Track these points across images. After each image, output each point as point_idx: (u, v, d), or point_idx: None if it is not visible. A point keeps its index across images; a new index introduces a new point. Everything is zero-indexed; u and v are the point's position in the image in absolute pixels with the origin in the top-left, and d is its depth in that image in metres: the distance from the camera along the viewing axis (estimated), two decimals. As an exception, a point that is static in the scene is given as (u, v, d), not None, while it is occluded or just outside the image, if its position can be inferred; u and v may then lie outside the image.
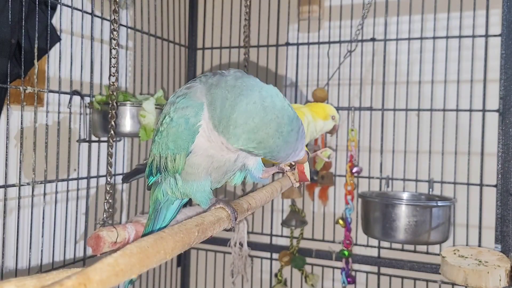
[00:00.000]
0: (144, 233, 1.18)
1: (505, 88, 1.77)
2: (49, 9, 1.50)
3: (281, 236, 2.21)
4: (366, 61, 2.08)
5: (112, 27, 1.52)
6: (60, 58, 1.57)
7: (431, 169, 1.93)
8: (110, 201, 1.53)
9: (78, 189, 1.69)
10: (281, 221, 2.11)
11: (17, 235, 1.45)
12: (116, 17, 1.52)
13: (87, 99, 1.67)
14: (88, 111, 1.68)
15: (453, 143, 1.91)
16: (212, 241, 1.97)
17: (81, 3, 1.64)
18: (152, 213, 1.13)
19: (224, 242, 2.02)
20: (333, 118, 1.66)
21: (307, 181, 1.08)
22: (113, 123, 1.52)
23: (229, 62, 2.31)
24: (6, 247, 1.44)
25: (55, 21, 1.57)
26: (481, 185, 1.85)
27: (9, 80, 1.38)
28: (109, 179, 1.54)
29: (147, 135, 1.62)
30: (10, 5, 1.35)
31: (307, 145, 1.67)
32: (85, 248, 1.69)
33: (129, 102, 1.64)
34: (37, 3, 1.45)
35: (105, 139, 1.64)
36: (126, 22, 1.92)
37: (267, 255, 2.22)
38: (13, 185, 1.43)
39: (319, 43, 2.14)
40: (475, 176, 1.87)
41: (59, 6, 1.55)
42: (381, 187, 2.01)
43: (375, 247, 2.03)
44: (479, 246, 1.83)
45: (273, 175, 1.84)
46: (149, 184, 1.12)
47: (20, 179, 1.43)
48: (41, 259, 1.51)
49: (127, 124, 1.63)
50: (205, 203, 1.00)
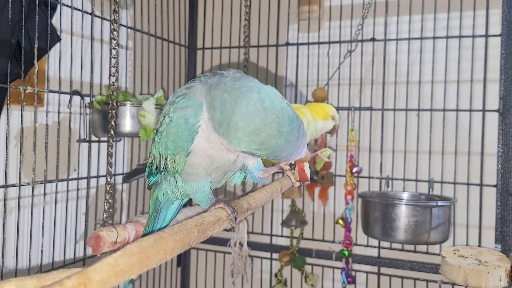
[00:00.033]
0: (144, 233, 1.18)
1: (505, 88, 1.77)
2: (49, 9, 1.50)
3: (281, 236, 2.21)
4: (366, 61, 2.08)
5: (112, 27, 1.52)
6: (60, 58, 1.57)
7: (431, 169, 1.93)
8: (110, 201, 1.53)
9: (78, 189, 1.69)
10: (281, 221, 2.11)
11: (17, 235, 1.45)
12: (116, 17, 1.52)
13: (87, 99, 1.67)
14: (88, 111, 1.69)
15: (453, 143, 1.91)
16: (212, 241, 1.97)
17: (81, 3, 1.64)
18: (152, 213, 1.13)
19: (224, 242, 2.02)
20: (333, 118, 1.66)
21: (307, 180, 1.07)
22: (113, 123, 1.52)
23: (229, 62, 2.31)
24: (6, 247, 1.44)
25: (55, 21, 1.57)
26: (481, 185, 1.85)
27: (9, 80, 1.38)
28: (109, 179, 1.54)
29: (147, 135, 1.62)
30: (10, 5, 1.35)
31: (307, 145, 1.66)
32: (85, 248, 1.69)
33: (129, 102, 1.64)
34: (37, 3, 1.45)
35: (105, 139, 1.64)
36: (126, 22, 1.92)
37: (267, 255, 2.22)
38: (13, 185, 1.43)
39: (319, 43, 2.14)
40: (475, 176, 1.87)
41: (59, 6, 1.55)
42: (381, 187, 2.01)
43: (375, 247, 2.03)
44: (479, 246, 1.83)
45: (273, 175, 1.84)
46: (150, 184, 1.12)
47: (20, 179, 1.43)
48: (41, 259, 1.51)
49: (127, 124, 1.63)
50: (205, 203, 1.00)
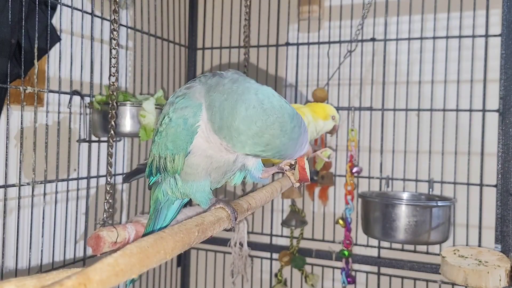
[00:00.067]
0: (145, 233, 1.18)
1: (505, 88, 1.77)
2: (49, 9, 1.50)
3: (281, 236, 2.21)
4: (366, 61, 2.08)
5: (112, 27, 1.52)
6: (60, 58, 1.57)
7: (431, 169, 1.93)
8: (110, 201, 1.53)
9: (78, 189, 1.69)
10: (281, 221, 2.11)
11: (17, 235, 1.45)
12: (116, 17, 1.52)
13: (87, 99, 1.67)
14: (88, 111, 1.68)
15: (453, 143, 1.91)
16: (212, 241, 1.97)
17: (81, 3, 1.64)
18: (153, 213, 1.13)
19: (224, 242, 2.02)
20: (333, 118, 1.66)
21: (307, 181, 1.07)
22: (113, 123, 1.52)
23: (229, 62, 2.31)
24: (6, 247, 1.44)
25: (55, 21, 1.57)
26: (481, 185, 1.85)
27: (9, 80, 1.38)
28: (109, 179, 1.54)
29: (147, 135, 1.62)
30: (10, 5, 1.35)
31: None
32: (85, 248, 1.69)
33: (129, 102, 1.64)
34: (37, 3, 1.45)
35: (105, 139, 1.64)
36: (126, 22, 1.92)
37: (267, 255, 2.22)
38: (13, 185, 1.43)
39: (319, 43, 2.13)
40: (475, 176, 1.87)
41: (59, 6, 1.55)
42: (381, 187, 2.01)
43: (375, 247, 2.03)
44: (479, 246, 1.83)
45: (273, 175, 1.84)
46: (150, 184, 1.12)
47: (20, 179, 1.43)
48: (41, 259, 1.51)
49: (127, 124, 1.63)
50: (205, 203, 1.00)
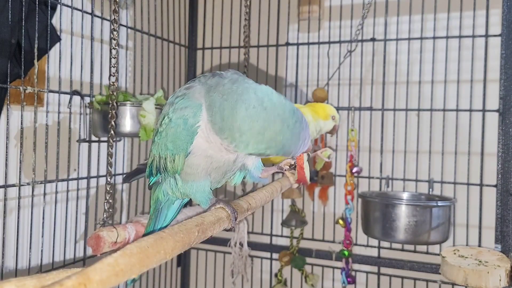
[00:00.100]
0: (145, 233, 1.18)
1: (505, 88, 1.77)
2: (49, 9, 1.50)
3: (281, 236, 2.21)
4: (366, 61, 2.08)
5: (112, 27, 1.52)
6: (60, 58, 1.57)
7: (431, 169, 1.93)
8: (110, 201, 1.53)
9: (78, 189, 1.69)
10: (281, 221, 2.11)
11: (17, 235, 1.45)
12: (116, 17, 1.52)
13: (87, 99, 1.67)
14: (88, 111, 1.68)
15: (453, 143, 1.91)
16: (212, 241, 1.97)
17: (81, 3, 1.64)
18: (153, 213, 1.13)
19: (224, 242, 2.02)
20: (333, 118, 1.66)
21: (305, 182, 1.07)
22: (113, 123, 1.52)
23: (229, 62, 2.31)
24: (6, 247, 1.44)
25: (55, 21, 1.57)
26: (481, 185, 1.85)
27: (9, 80, 1.38)
28: (109, 179, 1.54)
29: (147, 135, 1.62)
30: (10, 5, 1.35)
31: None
32: (85, 248, 1.69)
33: (129, 102, 1.64)
34: (37, 3, 1.45)
35: (105, 139, 1.64)
36: (126, 22, 1.92)
37: (267, 255, 2.22)
38: (13, 185, 1.43)
39: (319, 43, 2.13)
40: (475, 176, 1.87)
41: (59, 6, 1.55)
42: (381, 187, 2.01)
43: (375, 247, 2.03)
44: (479, 246, 1.83)
45: (273, 175, 1.84)
46: (150, 184, 1.12)
47: (20, 179, 1.43)
48: (41, 259, 1.51)
49: (127, 124, 1.63)
50: (205, 203, 1.00)
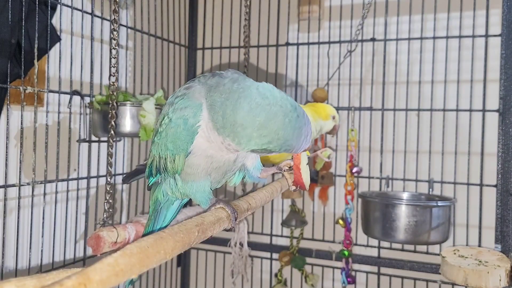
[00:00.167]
0: (144, 233, 1.18)
1: (505, 88, 1.77)
2: (49, 9, 1.50)
3: (281, 236, 2.21)
4: (366, 61, 2.08)
5: (112, 27, 1.52)
6: (60, 58, 1.57)
7: (431, 169, 1.93)
8: (110, 201, 1.53)
9: (78, 189, 1.69)
10: (281, 221, 2.11)
11: (17, 235, 1.45)
12: (116, 17, 1.52)
13: (87, 99, 1.67)
14: (88, 111, 1.68)
15: (453, 143, 1.91)
16: (212, 241, 1.97)
17: (81, 3, 1.64)
18: (152, 213, 1.13)
19: (224, 242, 2.02)
20: (333, 118, 1.66)
21: (302, 185, 1.06)
22: (113, 123, 1.52)
23: (229, 62, 2.31)
24: (6, 247, 1.44)
25: (55, 21, 1.57)
26: (481, 185, 1.85)
27: (9, 80, 1.38)
28: (109, 179, 1.54)
29: (147, 135, 1.62)
30: (10, 5, 1.35)
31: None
32: (85, 248, 1.69)
33: (129, 102, 1.64)
34: (37, 3, 1.45)
35: (105, 139, 1.64)
36: (126, 22, 1.92)
37: (267, 255, 2.22)
38: (13, 185, 1.43)
39: (319, 43, 2.13)
40: (475, 176, 1.87)
41: (59, 6, 1.55)
42: (381, 187, 2.01)
43: (375, 247, 2.03)
44: (479, 246, 1.83)
45: (273, 175, 1.84)
46: (149, 184, 1.12)
47: (20, 179, 1.43)
48: (41, 259, 1.51)
49: (127, 124, 1.63)
50: (205, 203, 1.00)
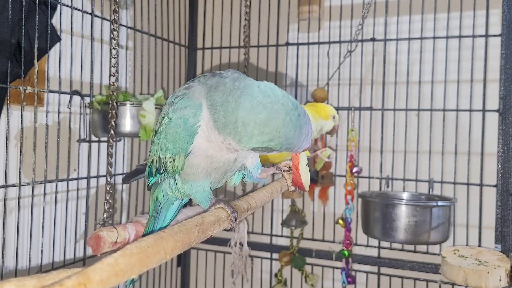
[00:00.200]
0: (144, 233, 1.18)
1: (505, 88, 1.77)
2: (49, 9, 1.50)
3: (281, 236, 2.21)
4: (366, 61, 2.08)
5: (112, 27, 1.52)
6: (60, 58, 1.57)
7: (431, 169, 1.93)
8: (110, 201, 1.53)
9: (78, 189, 1.69)
10: (281, 221, 2.11)
11: (17, 235, 1.45)
12: (116, 17, 1.52)
13: (87, 99, 1.67)
14: (88, 111, 1.68)
15: (453, 143, 1.91)
16: (212, 241, 1.97)
17: (81, 3, 1.64)
18: (152, 213, 1.13)
19: (224, 242, 2.02)
20: (333, 118, 1.66)
21: (301, 186, 1.06)
22: (113, 123, 1.52)
23: (229, 62, 2.31)
24: (6, 247, 1.44)
25: (55, 21, 1.57)
26: (481, 185, 1.85)
27: (9, 80, 1.38)
28: (109, 179, 1.54)
29: (147, 135, 1.62)
30: (10, 5, 1.35)
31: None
32: (85, 248, 1.69)
33: (129, 102, 1.64)
34: (37, 3, 1.45)
35: (105, 139, 1.64)
36: (126, 22, 1.92)
37: (267, 255, 2.22)
38: (13, 185, 1.43)
39: (319, 43, 2.13)
40: (475, 176, 1.87)
41: (59, 6, 1.55)
42: (381, 187, 2.01)
43: (375, 247, 2.03)
44: (479, 246, 1.83)
45: (273, 175, 1.84)
46: (149, 184, 1.12)
47: (20, 179, 1.43)
48: (41, 259, 1.51)
49: (127, 124, 1.63)
50: (205, 203, 1.00)
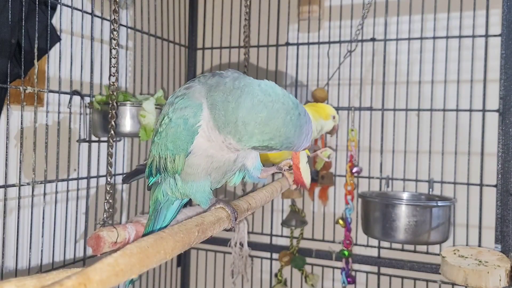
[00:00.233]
0: (144, 233, 1.18)
1: (505, 88, 1.77)
2: (49, 9, 1.50)
3: (281, 236, 2.21)
4: (366, 61, 2.08)
5: (112, 27, 1.52)
6: (60, 58, 1.57)
7: (431, 169, 1.93)
8: (110, 201, 1.53)
9: (78, 189, 1.69)
10: (281, 221, 2.11)
11: (17, 235, 1.45)
12: (116, 17, 1.52)
13: (87, 99, 1.67)
14: (88, 111, 1.68)
15: (453, 143, 1.91)
16: (212, 241, 1.97)
17: (81, 3, 1.64)
18: (152, 213, 1.13)
19: (224, 242, 2.02)
20: (333, 118, 1.66)
21: (303, 183, 1.06)
22: (113, 123, 1.52)
23: (229, 62, 2.31)
24: (6, 247, 1.44)
25: (55, 21, 1.57)
26: (481, 185, 1.85)
27: (9, 80, 1.38)
28: (109, 179, 1.54)
29: (147, 135, 1.62)
30: (10, 5, 1.35)
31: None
32: (85, 248, 1.69)
33: (129, 102, 1.64)
34: (37, 3, 1.45)
35: (105, 139, 1.64)
36: (126, 22, 1.92)
37: (267, 255, 2.22)
38: (13, 185, 1.43)
39: (319, 43, 2.13)
40: (475, 176, 1.87)
41: (59, 6, 1.55)
42: (381, 187, 2.01)
43: (375, 247, 2.03)
44: (479, 246, 1.83)
45: (273, 175, 1.84)
46: (149, 184, 1.12)
47: (20, 179, 1.43)
48: (41, 259, 1.51)
49: (127, 124, 1.63)
50: (205, 203, 1.00)
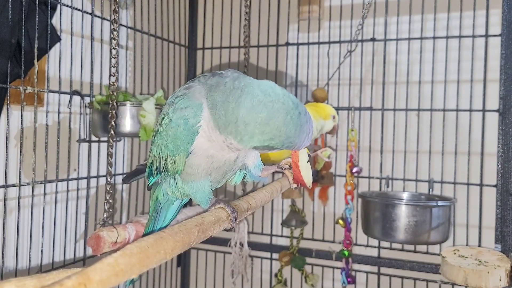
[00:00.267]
0: (144, 233, 1.18)
1: (505, 88, 1.77)
2: (49, 9, 1.50)
3: (281, 236, 2.21)
4: (366, 61, 2.08)
5: (112, 27, 1.52)
6: (60, 58, 1.57)
7: (431, 169, 1.93)
8: (110, 201, 1.53)
9: (78, 189, 1.69)
10: (281, 221, 2.11)
11: (17, 235, 1.45)
12: (116, 17, 1.52)
13: (87, 99, 1.67)
14: (88, 111, 1.68)
15: (453, 143, 1.91)
16: (212, 241, 1.97)
17: (81, 3, 1.64)
18: (152, 213, 1.13)
19: (224, 242, 2.02)
20: (334, 118, 1.66)
21: (303, 182, 1.06)
22: (113, 123, 1.52)
23: (229, 62, 2.31)
24: (6, 247, 1.44)
25: (55, 21, 1.57)
26: (481, 185, 1.85)
27: (9, 80, 1.38)
28: (109, 179, 1.54)
29: (147, 135, 1.62)
30: (10, 5, 1.35)
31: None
32: (85, 248, 1.69)
33: (129, 102, 1.64)
34: (37, 3, 1.45)
35: (105, 139, 1.64)
36: (126, 22, 1.92)
37: (267, 255, 2.22)
38: (13, 185, 1.43)
39: (319, 43, 2.13)
40: (475, 176, 1.87)
41: (59, 6, 1.55)
42: (381, 187, 2.01)
43: (375, 247, 2.03)
44: (479, 246, 1.83)
45: (273, 175, 1.84)
46: (149, 184, 1.12)
47: (20, 179, 1.43)
48: (41, 259, 1.51)
49: (127, 124, 1.63)
50: (205, 203, 1.00)
